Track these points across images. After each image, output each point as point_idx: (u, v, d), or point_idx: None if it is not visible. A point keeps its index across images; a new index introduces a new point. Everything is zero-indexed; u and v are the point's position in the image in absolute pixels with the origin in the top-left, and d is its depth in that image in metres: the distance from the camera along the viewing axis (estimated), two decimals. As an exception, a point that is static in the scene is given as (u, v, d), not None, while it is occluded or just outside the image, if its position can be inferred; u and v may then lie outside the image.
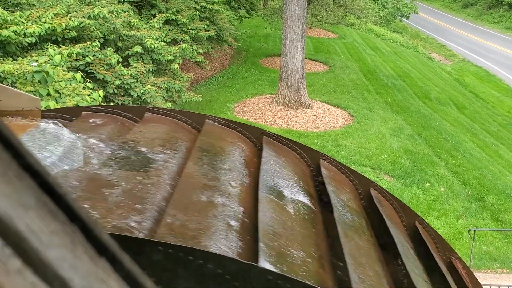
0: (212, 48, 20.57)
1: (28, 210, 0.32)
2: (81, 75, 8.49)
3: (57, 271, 0.33)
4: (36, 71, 7.40)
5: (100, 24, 12.13)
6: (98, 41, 11.24)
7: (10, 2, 10.76)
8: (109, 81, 11.31)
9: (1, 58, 8.67)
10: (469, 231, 9.74)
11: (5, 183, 0.32)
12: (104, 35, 12.33)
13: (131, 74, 11.89)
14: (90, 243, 0.36)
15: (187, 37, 16.88)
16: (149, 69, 12.81)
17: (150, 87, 12.04)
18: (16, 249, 0.32)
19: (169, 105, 12.39)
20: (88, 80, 8.94)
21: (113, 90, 11.48)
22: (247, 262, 1.26)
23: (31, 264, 0.32)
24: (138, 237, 1.35)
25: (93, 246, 0.36)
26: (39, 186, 0.34)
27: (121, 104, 11.11)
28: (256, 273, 1.23)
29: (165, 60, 13.63)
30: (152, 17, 16.59)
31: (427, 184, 12.78)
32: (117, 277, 0.36)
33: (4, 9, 9.54)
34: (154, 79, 12.90)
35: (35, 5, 10.99)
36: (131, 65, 12.61)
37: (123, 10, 13.77)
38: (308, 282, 1.31)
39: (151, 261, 1.19)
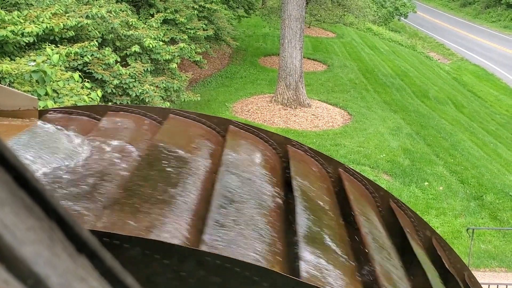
0: (210, 47, 20.55)
1: (3, 206, 0.31)
2: (79, 74, 8.47)
3: (32, 268, 0.32)
4: (34, 71, 7.38)
5: (98, 24, 12.11)
6: (96, 41, 11.21)
7: (8, 1, 10.74)
8: (107, 80, 11.29)
9: (-1, 58, 8.66)
10: (467, 230, 9.73)
11: None
12: (102, 34, 12.31)
13: (129, 73, 11.87)
14: (69, 240, 0.35)
15: (186, 37, 16.86)
16: (147, 69, 12.80)
17: (148, 86, 12.02)
18: None
19: (167, 104, 12.38)
20: (86, 80, 8.92)
21: (111, 90, 11.46)
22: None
23: (5, 261, 0.31)
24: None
25: (73, 243, 0.35)
26: (14, 181, 0.33)
27: (119, 103, 11.09)
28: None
29: (164, 60, 13.62)
30: (150, 17, 16.57)
31: (426, 183, 12.78)
32: (97, 275, 0.35)
33: (1, 8, 9.52)
34: (152, 78, 12.88)
35: (33, 5, 10.96)
36: (130, 65, 12.59)
37: (121, 9, 13.75)
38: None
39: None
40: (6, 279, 0.31)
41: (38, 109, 2.62)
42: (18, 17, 9.42)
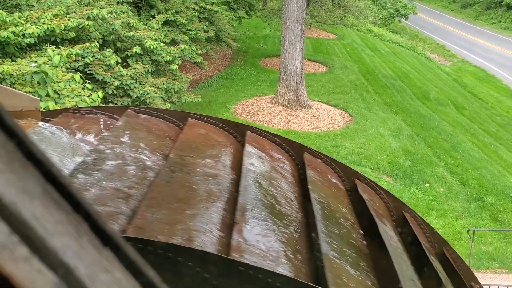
0: (211, 48, 20.58)
1: (33, 199, 0.33)
2: (80, 76, 8.48)
3: (62, 259, 0.34)
4: (35, 72, 7.39)
5: (99, 25, 12.13)
6: (97, 42, 11.23)
7: (9, 3, 10.76)
8: (108, 82, 11.31)
9: (0, 59, 8.67)
10: (468, 231, 9.74)
11: (10, 172, 0.32)
12: (103, 36, 12.33)
13: (130, 75, 11.89)
14: (95, 233, 0.37)
15: (186, 38, 16.88)
16: (148, 70, 12.82)
17: (149, 87, 12.04)
18: (23, 237, 0.33)
19: (168, 105, 12.39)
20: (87, 81, 8.93)
21: (112, 91, 11.48)
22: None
23: (37, 251, 0.33)
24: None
25: (98, 236, 0.37)
26: (42, 176, 0.35)
27: (120, 105, 11.11)
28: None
29: (164, 61, 13.64)
30: (151, 18, 16.60)
31: (426, 185, 12.79)
32: (121, 267, 0.37)
33: (3, 10, 9.54)
34: (153, 79, 12.90)
35: (34, 6, 10.98)
36: (130, 66, 12.61)
37: (122, 11, 13.77)
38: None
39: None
40: (40, 269, 0.33)
41: (40, 110, 2.63)
42: (19, 18, 9.44)
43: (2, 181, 0.32)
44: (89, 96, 8.12)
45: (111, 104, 11.09)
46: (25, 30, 9.23)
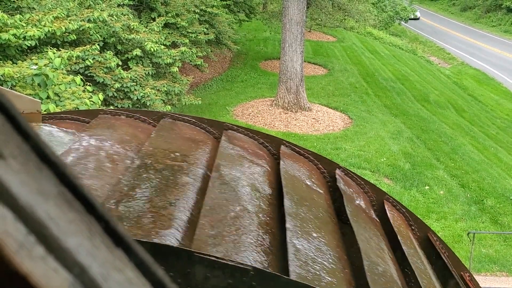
0: (211, 51, 20.61)
1: (48, 199, 0.34)
2: (80, 78, 8.49)
3: (77, 258, 0.35)
4: (36, 74, 7.41)
5: (100, 28, 12.14)
6: (98, 44, 11.25)
7: (10, 5, 10.78)
8: (109, 84, 11.32)
9: (1, 61, 8.68)
10: (468, 234, 9.74)
11: (26, 173, 0.33)
12: (103, 38, 12.35)
13: (130, 77, 11.91)
14: (107, 234, 0.38)
15: (187, 41, 16.91)
16: (148, 72, 12.83)
17: (149, 90, 12.06)
18: (39, 237, 0.33)
19: (168, 108, 12.40)
20: (88, 83, 8.94)
21: (113, 93, 11.50)
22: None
23: (53, 250, 0.34)
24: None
25: (110, 237, 0.38)
26: (56, 177, 0.36)
27: (121, 107, 11.12)
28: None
29: (165, 63, 13.66)
30: (151, 21, 16.62)
31: (427, 187, 12.79)
32: (133, 267, 0.38)
33: (4, 12, 9.55)
34: (153, 82, 12.92)
35: (35, 9, 11.00)
36: (131, 68, 12.62)
37: (122, 13, 13.79)
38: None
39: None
40: (56, 268, 0.34)
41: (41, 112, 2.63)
42: (20, 21, 9.45)
43: (18, 181, 0.33)
44: (89, 98, 8.13)
45: (111, 107, 11.10)
46: (26, 32, 9.25)
